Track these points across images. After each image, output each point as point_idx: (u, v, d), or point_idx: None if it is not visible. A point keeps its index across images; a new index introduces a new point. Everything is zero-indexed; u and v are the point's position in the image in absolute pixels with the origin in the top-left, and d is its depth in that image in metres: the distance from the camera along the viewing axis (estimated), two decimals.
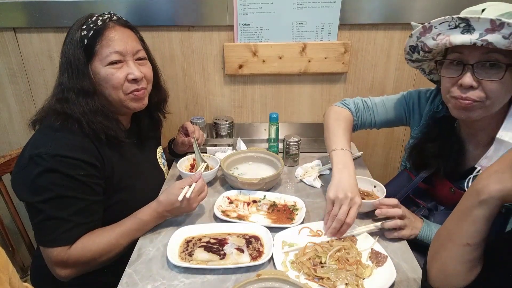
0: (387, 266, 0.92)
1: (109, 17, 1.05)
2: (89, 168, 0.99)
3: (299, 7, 1.50)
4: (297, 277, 0.89)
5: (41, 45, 1.57)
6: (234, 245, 0.98)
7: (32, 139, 1.01)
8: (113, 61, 1.03)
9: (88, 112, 1.01)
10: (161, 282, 0.90)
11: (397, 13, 1.49)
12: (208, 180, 1.30)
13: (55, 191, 0.94)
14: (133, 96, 1.08)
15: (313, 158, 1.47)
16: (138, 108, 1.11)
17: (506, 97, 0.93)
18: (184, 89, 1.68)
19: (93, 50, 1.02)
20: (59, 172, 0.94)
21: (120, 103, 1.08)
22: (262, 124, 1.73)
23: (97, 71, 1.03)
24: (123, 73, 1.04)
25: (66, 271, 0.99)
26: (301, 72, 1.61)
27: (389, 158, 1.82)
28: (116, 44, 1.03)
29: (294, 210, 1.15)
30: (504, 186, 0.61)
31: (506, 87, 0.90)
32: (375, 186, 1.19)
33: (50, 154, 0.94)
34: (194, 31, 1.56)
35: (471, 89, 0.91)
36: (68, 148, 0.97)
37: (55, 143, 0.96)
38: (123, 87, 1.05)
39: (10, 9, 1.49)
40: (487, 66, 0.88)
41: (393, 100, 1.28)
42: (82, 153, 0.98)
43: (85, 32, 1.01)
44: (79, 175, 0.97)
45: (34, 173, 0.94)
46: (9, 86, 1.65)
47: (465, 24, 0.86)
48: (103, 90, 1.05)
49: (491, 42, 0.83)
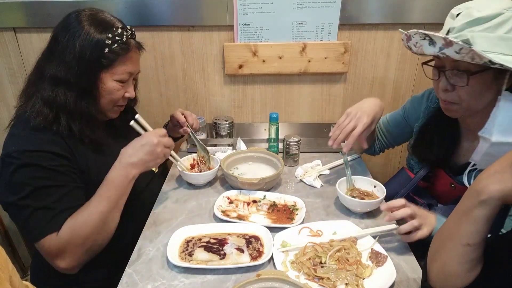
0: (387, 266, 0.92)
1: (131, 33, 1.07)
2: (61, 160, 0.99)
3: (299, 7, 1.50)
4: (297, 277, 0.89)
5: (41, 45, 1.53)
6: (234, 245, 0.98)
7: (3, 143, 1.00)
8: (122, 80, 1.06)
9: (75, 113, 1.01)
10: (161, 282, 0.90)
11: (397, 13, 1.49)
12: (208, 180, 1.31)
13: (33, 184, 0.94)
14: (116, 109, 1.13)
15: (313, 158, 1.47)
16: (114, 117, 1.16)
17: (481, 99, 0.96)
18: (184, 89, 1.68)
19: (110, 63, 1.02)
20: (32, 166, 0.94)
21: (103, 111, 1.11)
22: (262, 124, 1.73)
23: (105, 81, 1.04)
24: (123, 91, 1.09)
25: (66, 261, 0.97)
26: (301, 72, 1.61)
27: (389, 158, 1.82)
28: (131, 66, 1.07)
29: (294, 210, 1.15)
30: (505, 186, 0.61)
31: (476, 91, 0.95)
32: (375, 186, 1.19)
33: (19, 151, 0.94)
34: (194, 31, 1.56)
35: (447, 91, 0.98)
36: (37, 143, 0.97)
37: (23, 141, 0.97)
38: (118, 102, 1.11)
39: (10, 9, 1.49)
40: (455, 72, 0.95)
41: (394, 115, 1.34)
42: (51, 146, 0.98)
43: (109, 41, 1.00)
44: (52, 166, 0.97)
45: (7, 173, 0.94)
46: (9, 86, 1.65)
47: (428, 38, 0.93)
48: (101, 100, 1.06)
49: (448, 55, 0.90)
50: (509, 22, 0.87)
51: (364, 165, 1.44)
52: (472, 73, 0.92)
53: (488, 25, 0.88)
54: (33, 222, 0.95)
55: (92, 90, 1.03)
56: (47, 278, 1.11)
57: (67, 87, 1.00)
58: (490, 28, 0.88)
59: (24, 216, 0.95)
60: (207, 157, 1.35)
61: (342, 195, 1.13)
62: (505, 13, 0.87)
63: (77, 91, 1.01)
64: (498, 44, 0.87)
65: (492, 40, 0.87)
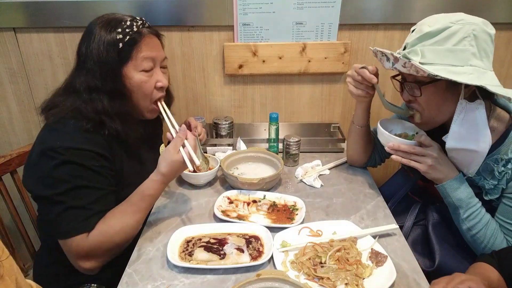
0: (387, 266, 0.92)
1: (142, 23, 1.06)
2: (102, 160, 1.01)
3: (299, 7, 1.50)
4: (297, 277, 0.89)
5: (41, 45, 1.57)
6: (234, 245, 0.98)
7: (41, 137, 1.01)
8: (146, 69, 1.05)
9: (113, 114, 1.02)
10: (161, 282, 0.90)
11: (397, 13, 1.49)
12: (208, 180, 1.31)
13: (73, 182, 0.95)
14: (152, 108, 1.12)
15: (313, 158, 1.47)
16: (151, 118, 1.16)
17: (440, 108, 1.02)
18: (184, 89, 1.68)
19: (128, 55, 1.02)
20: (74, 164, 0.95)
21: (141, 110, 1.11)
22: (262, 124, 1.73)
23: (130, 76, 1.04)
24: (153, 80, 1.08)
25: (91, 262, 0.99)
26: (301, 72, 1.61)
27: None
28: (149, 52, 1.05)
29: (294, 210, 1.15)
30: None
31: (431, 100, 1.01)
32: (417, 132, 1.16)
33: (64, 147, 0.95)
34: (194, 31, 1.56)
35: (410, 102, 1.06)
36: (81, 141, 0.98)
37: (67, 137, 0.97)
38: (152, 94, 1.09)
39: (10, 9, 1.49)
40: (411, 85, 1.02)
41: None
42: (94, 146, 0.99)
43: (120, 36, 1.00)
44: (93, 166, 0.98)
45: (49, 166, 0.94)
46: (9, 86, 1.65)
47: (384, 54, 1.02)
48: (133, 95, 1.06)
49: (399, 70, 0.99)
50: (457, 35, 0.92)
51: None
52: (424, 84, 0.98)
53: (437, 38, 0.93)
54: (65, 219, 0.96)
55: (121, 89, 1.03)
56: (49, 279, 1.11)
57: (99, 92, 1.01)
58: (439, 42, 0.93)
59: (57, 212, 0.95)
60: (205, 166, 1.34)
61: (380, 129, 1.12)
62: (453, 27, 0.92)
63: (108, 93, 1.01)
64: (447, 56, 0.92)
65: (441, 53, 0.93)
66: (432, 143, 1.03)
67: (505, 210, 0.99)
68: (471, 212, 0.99)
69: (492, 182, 0.99)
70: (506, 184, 0.97)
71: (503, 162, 0.96)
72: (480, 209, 0.99)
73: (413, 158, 1.04)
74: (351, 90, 1.17)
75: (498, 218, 1.00)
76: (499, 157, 0.97)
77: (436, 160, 1.01)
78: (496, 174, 0.97)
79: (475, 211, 0.99)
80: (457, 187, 1.00)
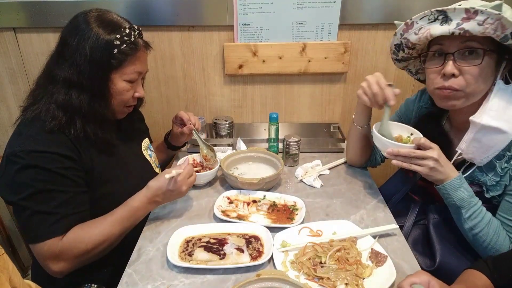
0: (387, 266, 0.92)
1: (139, 33, 1.07)
2: (66, 161, 0.99)
3: (299, 7, 1.50)
4: (297, 277, 0.89)
5: (41, 45, 1.57)
6: (234, 245, 0.98)
7: (8, 142, 1.01)
8: (131, 80, 1.06)
9: (87, 113, 1.01)
10: (161, 282, 0.90)
11: (397, 13, 1.49)
12: (208, 180, 1.31)
13: (35, 186, 0.94)
14: (123, 110, 1.13)
15: (313, 158, 1.47)
16: (120, 118, 1.16)
17: (484, 85, 0.98)
18: (184, 89, 1.68)
19: (120, 63, 1.02)
20: (36, 167, 0.94)
21: (112, 112, 1.11)
22: (262, 124, 1.73)
23: (115, 82, 1.04)
24: (133, 91, 1.09)
25: (59, 265, 0.97)
26: (301, 72, 1.61)
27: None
28: (140, 65, 1.07)
29: (294, 210, 1.15)
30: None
31: (484, 73, 0.96)
32: (412, 133, 1.15)
33: (25, 151, 0.94)
34: (194, 31, 1.56)
35: (453, 77, 0.97)
36: (43, 143, 0.96)
37: (29, 140, 0.96)
38: (128, 102, 1.11)
39: (10, 9, 1.49)
40: (466, 54, 0.95)
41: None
42: (57, 147, 0.97)
43: (118, 42, 1.00)
44: (57, 168, 0.96)
45: (12, 171, 0.94)
46: (9, 86, 1.65)
47: (443, 16, 0.93)
48: (112, 100, 1.06)
49: (467, 29, 0.90)
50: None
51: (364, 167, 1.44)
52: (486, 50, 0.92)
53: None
54: (33, 223, 0.95)
55: (104, 92, 1.03)
56: (48, 279, 1.10)
57: (80, 90, 1.00)
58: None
59: (24, 217, 0.95)
60: (212, 154, 1.35)
61: (376, 134, 1.10)
62: None
63: (90, 93, 1.01)
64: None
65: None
66: (431, 144, 1.01)
67: (508, 207, 0.98)
68: (473, 211, 0.98)
69: (494, 179, 0.99)
70: (509, 180, 0.97)
71: (506, 158, 0.96)
72: (482, 208, 0.99)
73: (414, 161, 1.01)
74: (361, 96, 1.13)
75: (500, 215, 1.00)
76: (501, 153, 0.97)
77: (437, 162, 0.99)
78: (498, 170, 0.97)
79: (476, 210, 0.98)
80: (458, 186, 0.99)
